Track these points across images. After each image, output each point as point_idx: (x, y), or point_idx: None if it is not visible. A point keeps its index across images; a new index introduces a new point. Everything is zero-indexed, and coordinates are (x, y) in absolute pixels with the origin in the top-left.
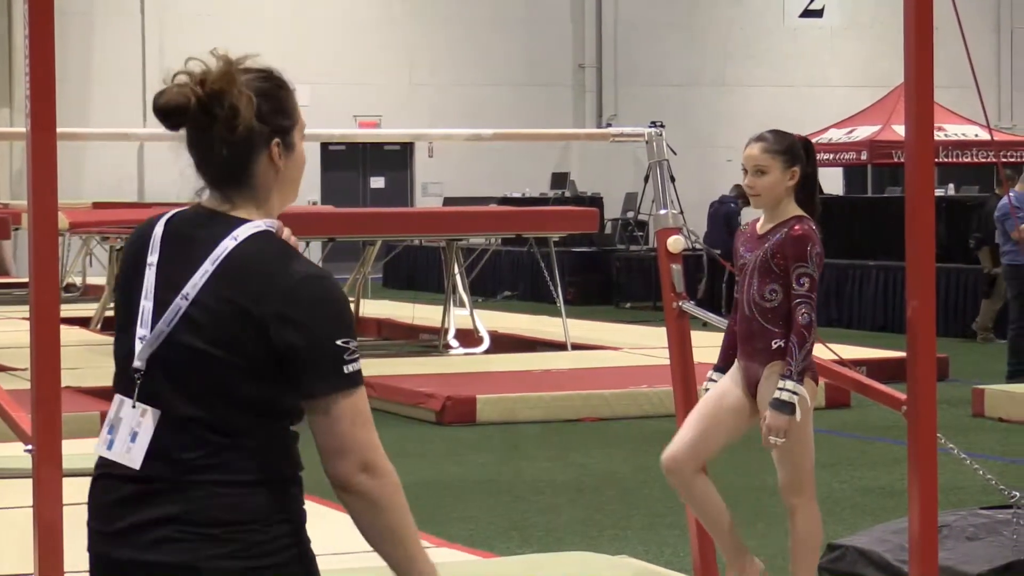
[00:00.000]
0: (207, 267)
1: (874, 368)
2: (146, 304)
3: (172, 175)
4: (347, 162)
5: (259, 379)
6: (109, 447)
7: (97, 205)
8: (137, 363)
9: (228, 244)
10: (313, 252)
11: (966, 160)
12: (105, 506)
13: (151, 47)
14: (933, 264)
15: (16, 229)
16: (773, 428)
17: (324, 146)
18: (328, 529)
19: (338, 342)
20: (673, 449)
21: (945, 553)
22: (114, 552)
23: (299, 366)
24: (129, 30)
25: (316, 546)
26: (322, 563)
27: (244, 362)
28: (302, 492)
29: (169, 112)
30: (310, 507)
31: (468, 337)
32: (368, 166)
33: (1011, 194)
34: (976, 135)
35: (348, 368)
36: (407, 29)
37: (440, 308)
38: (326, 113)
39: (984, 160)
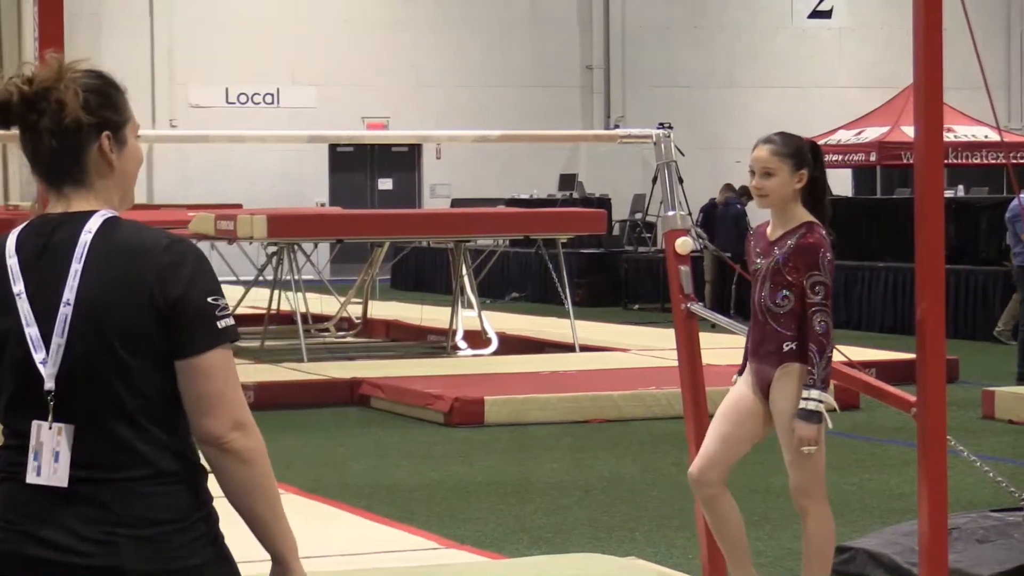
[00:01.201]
0: (76, 267)
1: (883, 370)
2: (31, 331)
3: (180, 176)
4: (355, 163)
5: (156, 358)
6: (38, 474)
7: None
8: (49, 385)
9: (85, 238)
10: (321, 253)
11: (976, 161)
12: (17, 506)
13: (160, 49)
14: (943, 266)
15: None
16: (804, 439)
17: (332, 148)
18: (329, 530)
19: (209, 299)
20: (700, 462)
21: (955, 556)
22: (26, 549)
23: (179, 323)
24: (138, 32)
25: (320, 547)
26: (325, 564)
27: (140, 343)
28: (207, 484)
29: None
30: (319, 508)
31: (476, 338)
32: (376, 167)
33: (1022, 196)
34: (986, 136)
35: (221, 323)
36: (414, 30)
37: (448, 310)
38: (333, 115)
39: (994, 162)
